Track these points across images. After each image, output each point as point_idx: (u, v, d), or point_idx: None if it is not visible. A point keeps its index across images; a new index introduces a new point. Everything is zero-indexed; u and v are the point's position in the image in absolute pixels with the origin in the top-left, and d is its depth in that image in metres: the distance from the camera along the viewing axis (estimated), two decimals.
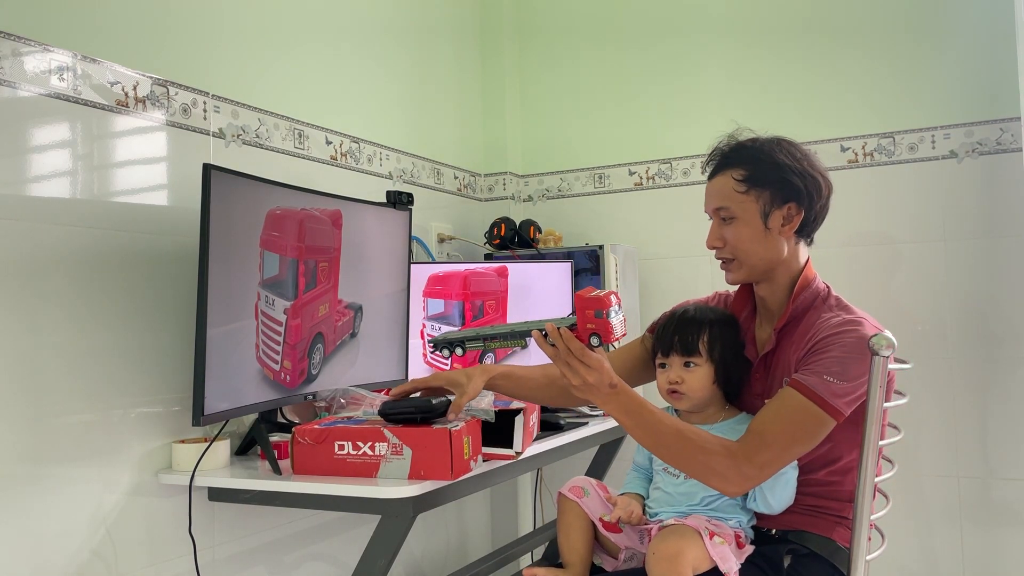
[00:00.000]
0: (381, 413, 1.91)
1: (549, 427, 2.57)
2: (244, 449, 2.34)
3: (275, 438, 2.27)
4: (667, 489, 1.98)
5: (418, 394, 1.99)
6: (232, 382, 2.04)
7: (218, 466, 2.17)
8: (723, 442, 1.76)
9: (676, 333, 1.97)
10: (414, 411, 1.90)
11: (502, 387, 2.06)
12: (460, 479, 1.94)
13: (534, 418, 2.24)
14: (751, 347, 2.02)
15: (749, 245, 1.95)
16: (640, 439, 1.78)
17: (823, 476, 1.90)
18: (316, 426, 1.98)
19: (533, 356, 2.89)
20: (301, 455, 1.96)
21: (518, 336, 1.75)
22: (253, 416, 2.36)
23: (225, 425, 2.29)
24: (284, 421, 2.38)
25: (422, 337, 2.85)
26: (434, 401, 1.91)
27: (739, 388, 2.00)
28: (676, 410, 2.02)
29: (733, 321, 2.02)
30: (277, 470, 2.06)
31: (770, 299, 2.01)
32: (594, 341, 1.66)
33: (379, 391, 2.33)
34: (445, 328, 2.83)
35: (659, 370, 2.00)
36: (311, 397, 2.32)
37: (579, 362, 1.69)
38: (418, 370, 2.73)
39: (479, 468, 2.01)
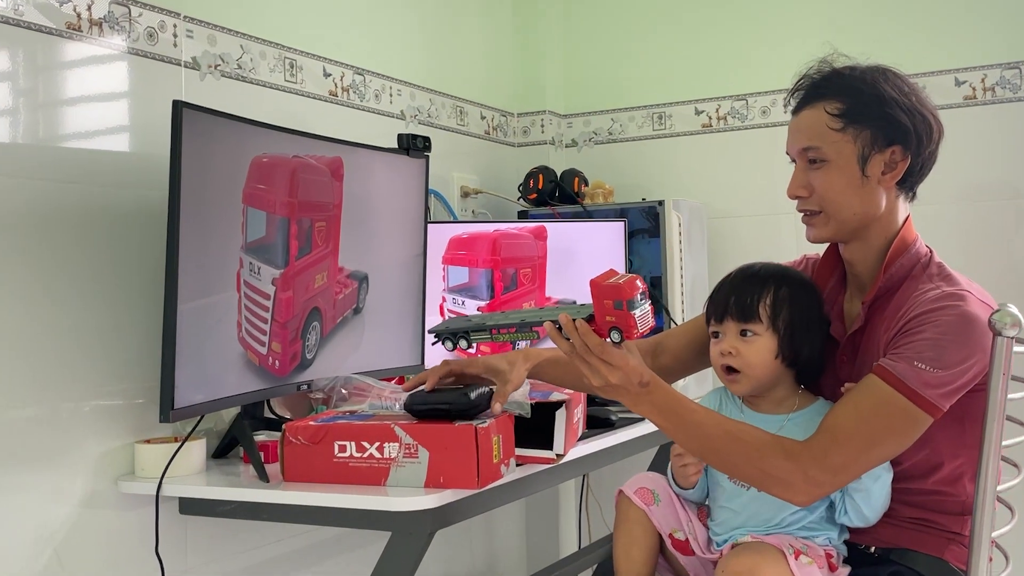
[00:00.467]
0: (408, 408, 1.93)
1: (597, 423, 2.58)
2: (223, 451, 2.36)
3: (261, 437, 2.29)
4: (733, 506, 1.99)
5: (450, 380, 2.02)
6: (209, 369, 2.06)
7: (191, 471, 2.18)
8: (783, 442, 1.76)
9: (732, 293, 1.96)
10: (448, 406, 1.91)
11: (548, 375, 2.08)
12: (488, 487, 1.95)
13: (579, 412, 2.25)
14: (838, 324, 2.01)
15: (841, 195, 1.94)
16: (684, 444, 1.82)
17: (928, 485, 1.91)
18: (311, 423, 1.98)
19: None
20: (293, 458, 1.97)
21: (527, 328, 1.77)
22: (234, 410, 2.37)
23: (200, 421, 2.30)
24: (272, 416, 2.40)
25: (441, 313, 2.85)
26: (472, 394, 1.93)
27: (817, 371, 2.00)
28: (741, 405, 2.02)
29: (809, 284, 2.01)
30: (264, 477, 2.08)
31: (859, 265, 2.01)
32: (614, 337, 1.69)
33: (389, 380, 2.37)
34: (470, 303, 2.85)
35: (712, 341, 2.00)
36: (305, 387, 2.34)
37: (599, 360, 1.72)
38: (437, 354, 2.68)
39: (511, 474, 2.02)
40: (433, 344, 1.88)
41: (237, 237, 2.08)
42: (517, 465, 2.05)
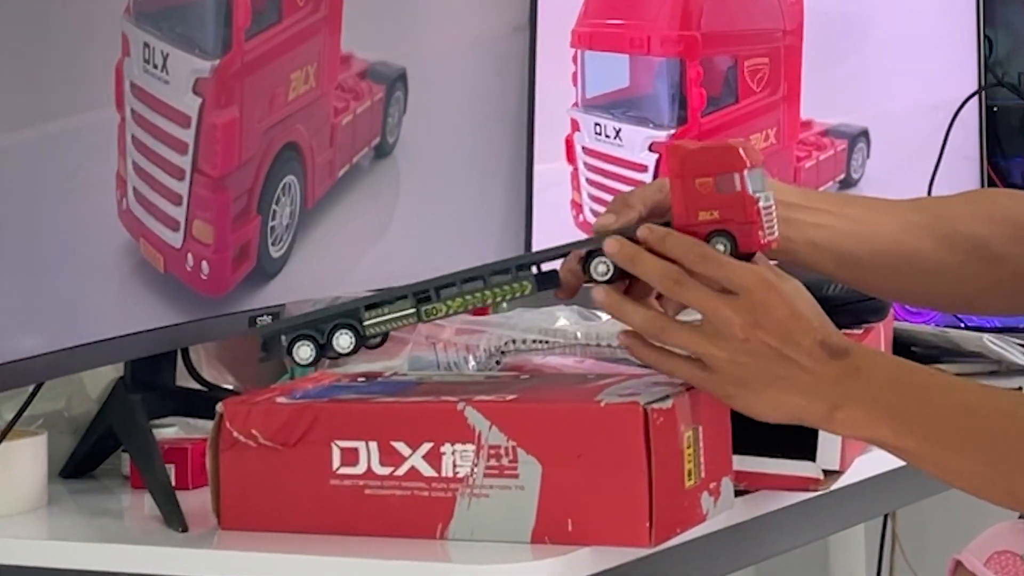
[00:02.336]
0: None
1: None
2: (86, 462, 1.81)
3: (169, 433, 1.80)
4: None
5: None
6: (50, 280, 1.59)
7: (14, 508, 1.68)
8: None
9: None
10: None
11: (813, 258, 1.61)
12: (672, 543, 1.43)
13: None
14: None
15: None
16: (948, 465, 1.41)
17: None
18: (281, 400, 1.49)
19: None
20: (241, 479, 1.49)
21: (518, 277, 1.42)
22: (109, 376, 1.81)
23: (32, 400, 1.71)
24: (195, 387, 1.84)
25: (569, 153, 2.22)
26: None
27: None
28: None
29: None
30: (176, 520, 1.54)
31: None
32: (718, 246, 1.37)
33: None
34: (632, 133, 2.24)
35: None
36: (266, 320, 1.82)
37: (712, 298, 1.34)
38: (552, 231, 2.12)
39: (724, 511, 1.52)
40: (261, 360, 1.52)
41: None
42: (739, 493, 1.57)
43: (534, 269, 1.52)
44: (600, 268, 1.38)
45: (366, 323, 1.44)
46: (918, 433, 1.41)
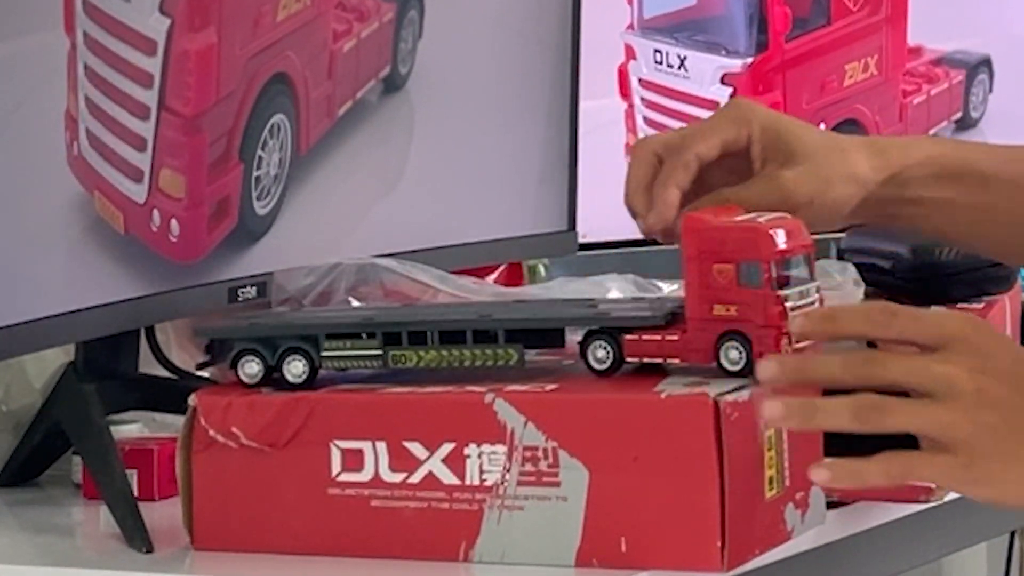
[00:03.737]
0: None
1: None
2: (29, 469, 1.66)
3: (131, 431, 1.63)
4: None
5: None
6: None
7: None
8: None
9: None
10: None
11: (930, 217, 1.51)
12: (749, 567, 1.27)
13: None
14: None
15: None
16: None
17: None
18: (267, 389, 1.33)
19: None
20: (219, 489, 1.36)
21: (505, 346, 1.29)
22: (59, 362, 1.63)
23: None
24: (165, 375, 1.66)
25: (622, 87, 2.18)
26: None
27: None
28: None
29: None
30: (138, 539, 1.37)
31: None
32: (731, 352, 1.25)
33: (484, 273, 1.87)
34: (700, 63, 2.21)
35: None
36: (250, 292, 1.62)
37: (919, 360, 1.15)
38: (602, 185, 1.92)
39: (810, 528, 1.34)
40: (200, 367, 1.44)
41: None
42: (831, 505, 1.38)
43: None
44: (599, 353, 1.24)
45: (323, 353, 1.32)
46: None
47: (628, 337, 1.23)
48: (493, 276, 1.96)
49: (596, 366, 1.25)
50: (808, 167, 1.40)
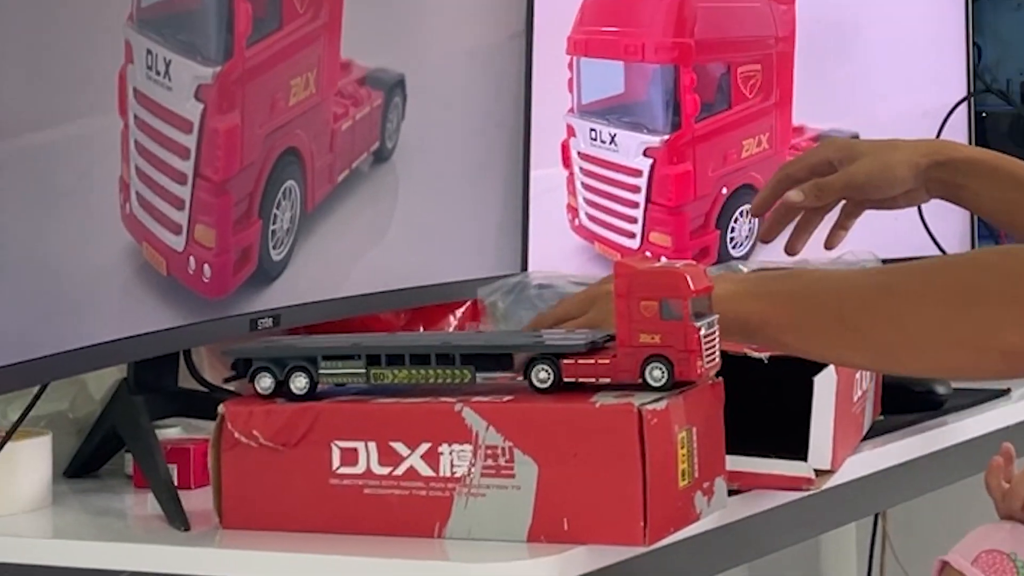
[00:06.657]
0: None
1: (907, 404, 2.03)
2: (90, 463, 1.83)
3: (171, 433, 1.82)
4: None
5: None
6: (55, 284, 1.61)
7: (19, 507, 1.69)
8: (981, 256, 1.58)
9: None
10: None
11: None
12: (667, 542, 1.45)
13: (866, 384, 1.84)
14: None
15: None
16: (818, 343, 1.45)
17: None
18: (281, 400, 1.50)
19: None
20: (242, 479, 1.50)
21: (460, 366, 1.46)
22: (112, 378, 1.86)
23: (36, 401, 1.72)
24: (196, 388, 1.89)
25: (565, 158, 2.28)
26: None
27: None
28: None
29: None
30: (179, 519, 1.56)
31: None
32: (655, 372, 1.40)
33: (456, 308, 2.16)
34: (627, 139, 2.27)
35: None
36: (268, 323, 1.87)
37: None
38: (549, 247, 2.24)
39: (717, 512, 1.54)
40: (227, 381, 1.72)
41: (119, 2, 1.67)
42: (732, 493, 1.59)
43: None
44: (541, 375, 1.40)
45: (321, 371, 1.48)
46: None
47: (565, 361, 1.39)
48: (461, 310, 2.16)
49: (539, 385, 1.42)
50: (867, 158, 1.76)
